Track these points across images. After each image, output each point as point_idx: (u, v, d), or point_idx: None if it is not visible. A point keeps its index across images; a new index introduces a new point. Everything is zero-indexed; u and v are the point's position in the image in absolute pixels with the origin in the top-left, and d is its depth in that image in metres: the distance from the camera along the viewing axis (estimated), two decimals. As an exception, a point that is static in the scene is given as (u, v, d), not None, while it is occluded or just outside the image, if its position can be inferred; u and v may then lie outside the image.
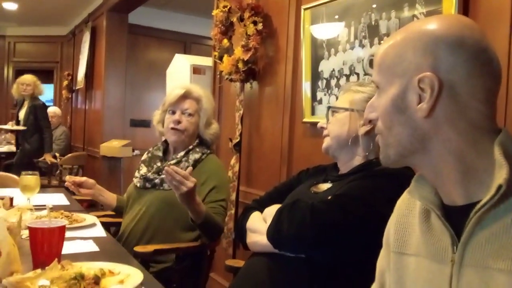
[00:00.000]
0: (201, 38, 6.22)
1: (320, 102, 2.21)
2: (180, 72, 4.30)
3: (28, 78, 5.02)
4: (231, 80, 2.76)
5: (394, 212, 0.88)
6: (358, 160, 1.36)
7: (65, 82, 7.17)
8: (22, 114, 5.02)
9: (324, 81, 2.19)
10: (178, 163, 1.91)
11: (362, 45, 1.96)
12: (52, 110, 5.86)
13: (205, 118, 1.98)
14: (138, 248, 1.69)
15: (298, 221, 1.17)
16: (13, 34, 8.14)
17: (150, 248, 1.70)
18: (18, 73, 8.50)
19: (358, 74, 1.98)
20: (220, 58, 2.80)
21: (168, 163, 1.91)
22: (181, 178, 1.53)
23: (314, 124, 2.22)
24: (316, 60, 2.24)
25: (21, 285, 0.91)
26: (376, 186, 1.19)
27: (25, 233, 1.31)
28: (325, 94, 2.18)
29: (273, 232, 1.22)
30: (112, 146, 5.08)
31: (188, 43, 6.52)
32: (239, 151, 2.80)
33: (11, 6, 6.53)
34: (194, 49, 6.35)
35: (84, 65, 6.22)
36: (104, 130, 5.60)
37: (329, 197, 1.23)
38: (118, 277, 1.14)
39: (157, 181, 1.91)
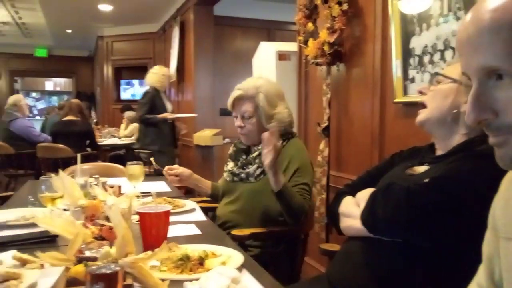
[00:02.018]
0: (285, 24, 6.21)
1: (413, 80, 2.12)
2: (266, 60, 4.33)
3: None
4: (317, 64, 2.73)
5: (500, 194, 0.81)
6: (457, 139, 1.26)
7: (159, 77, 7.54)
8: (169, 106, 4.86)
9: (417, 58, 2.09)
10: (260, 154, 1.96)
11: (457, 17, 1.84)
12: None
13: (264, 116, 1.96)
14: (236, 232, 1.77)
15: (393, 205, 1.14)
16: (110, 34, 8.76)
17: (246, 231, 1.77)
18: (117, 70, 9.17)
19: (453, 49, 1.86)
20: (305, 43, 2.79)
21: (251, 156, 2.01)
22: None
23: (407, 104, 2.14)
24: (406, 37, 2.14)
25: (135, 265, 1.00)
26: (478, 167, 1.10)
27: (135, 218, 1.43)
28: (417, 72, 2.09)
29: (367, 216, 1.20)
30: (204, 135, 5.28)
31: (272, 30, 6.54)
32: (328, 136, 2.77)
33: (107, 8, 7.03)
34: (279, 36, 6.36)
35: (175, 59, 6.50)
36: (196, 120, 5.84)
37: (426, 180, 1.18)
38: (220, 258, 1.21)
39: (243, 175, 1.99)
